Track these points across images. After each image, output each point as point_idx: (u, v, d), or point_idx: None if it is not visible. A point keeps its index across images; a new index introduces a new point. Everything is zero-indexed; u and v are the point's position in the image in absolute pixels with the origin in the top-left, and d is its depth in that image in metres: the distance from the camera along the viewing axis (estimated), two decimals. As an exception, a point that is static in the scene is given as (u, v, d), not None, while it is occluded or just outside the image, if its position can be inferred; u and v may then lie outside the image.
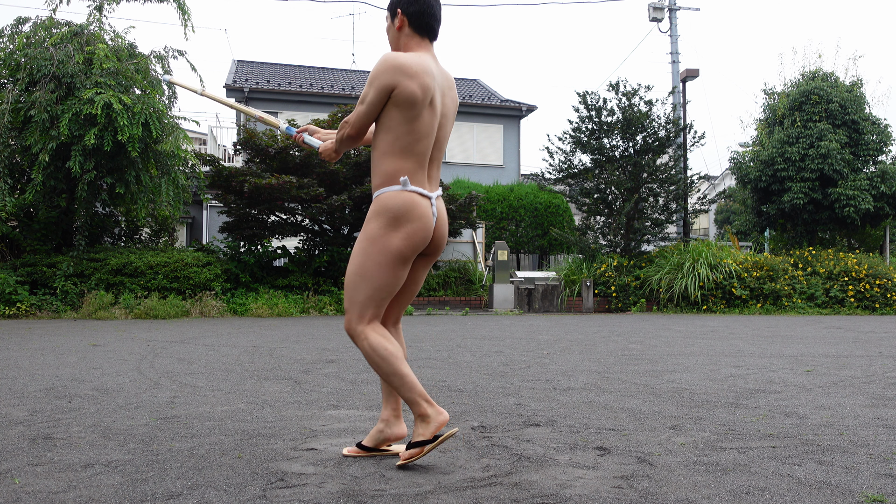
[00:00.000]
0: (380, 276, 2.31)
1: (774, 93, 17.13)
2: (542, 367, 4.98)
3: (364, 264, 2.30)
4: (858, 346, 6.53)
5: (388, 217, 2.29)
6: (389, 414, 2.47)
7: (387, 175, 2.31)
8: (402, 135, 2.29)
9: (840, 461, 2.38)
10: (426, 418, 2.30)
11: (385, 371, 2.31)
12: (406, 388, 2.31)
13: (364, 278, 2.30)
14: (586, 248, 14.24)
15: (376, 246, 2.29)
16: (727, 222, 23.64)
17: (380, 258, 2.29)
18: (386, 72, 2.24)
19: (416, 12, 2.37)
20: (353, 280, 2.32)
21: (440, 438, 2.28)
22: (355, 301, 2.32)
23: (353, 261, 2.33)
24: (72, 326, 8.60)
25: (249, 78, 19.67)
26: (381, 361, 2.30)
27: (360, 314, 2.32)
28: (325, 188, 11.72)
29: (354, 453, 2.46)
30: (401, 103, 2.26)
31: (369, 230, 2.31)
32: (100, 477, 2.20)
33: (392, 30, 2.41)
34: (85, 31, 11.18)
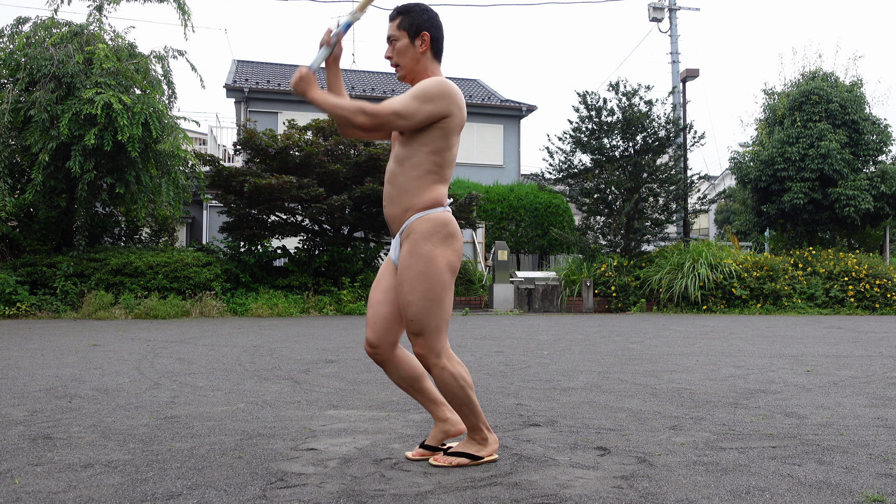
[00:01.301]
0: (447, 296, 2.28)
1: (774, 93, 17.13)
2: (542, 367, 4.98)
3: (431, 288, 2.23)
4: (858, 346, 6.53)
5: (443, 235, 2.26)
6: (446, 412, 2.45)
7: (433, 200, 2.28)
8: (445, 162, 2.30)
9: (840, 461, 2.38)
10: (485, 443, 2.37)
11: (461, 399, 2.30)
12: (475, 415, 2.34)
13: (434, 301, 2.24)
14: (586, 248, 14.24)
15: (437, 265, 2.24)
16: (727, 222, 23.64)
17: (444, 276, 2.26)
18: (443, 98, 2.23)
19: (438, 37, 2.36)
20: (424, 306, 2.23)
21: (483, 459, 2.36)
22: (429, 327, 2.25)
23: (415, 288, 2.23)
24: (72, 326, 8.60)
25: (249, 78, 19.67)
26: (459, 391, 2.29)
27: (440, 340, 2.27)
28: (325, 188, 11.72)
29: (420, 455, 2.41)
30: (449, 132, 2.27)
31: (425, 252, 2.24)
32: (100, 477, 2.20)
33: (412, 52, 2.33)
34: (85, 31, 11.18)
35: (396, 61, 2.35)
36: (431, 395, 2.46)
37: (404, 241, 2.29)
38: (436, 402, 2.46)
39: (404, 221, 2.30)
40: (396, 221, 2.33)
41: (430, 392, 2.46)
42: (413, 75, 2.35)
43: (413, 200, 2.28)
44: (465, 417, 2.34)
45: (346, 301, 11.64)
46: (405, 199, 2.29)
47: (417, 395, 2.46)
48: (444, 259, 2.25)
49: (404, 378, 2.43)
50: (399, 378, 2.43)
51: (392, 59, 2.36)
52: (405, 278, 2.25)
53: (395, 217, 2.33)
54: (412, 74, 2.35)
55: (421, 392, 2.45)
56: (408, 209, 2.29)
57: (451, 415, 2.45)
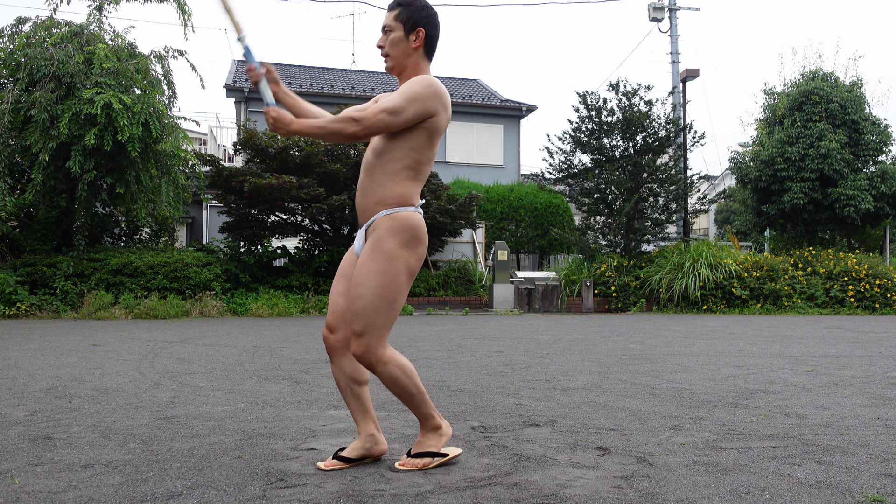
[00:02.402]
0: (400, 297, 2.25)
1: (774, 93, 17.13)
2: (542, 367, 4.98)
3: (385, 286, 2.20)
4: (858, 346, 6.53)
5: (407, 237, 2.25)
6: (373, 428, 2.37)
7: (402, 196, 2.27)
8: (424, 160, 2.29)
9: (840, 461, 2.38)
10: (439, 430, 2.35)
11: (409, 392, 2.27)
12: (424, 404, 2.32)
13: (384, 300, 2.21)
14: (586, 248, 14.24)
15: (396, 265, 2.22)
16: (727, 222, 23.64)
17: (401, 278, 2.23)
18: (431, 98, 2.23)
19: (433, 35, 2.35)
20: (373, 303, 2.19)
21: (449, 457, 2.34)
22: (375, 325, 2.20)
23: (369, 282, 2.20)
24: (72, 326, 8.60)
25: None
26: (407, 382, 2.26)
27: (381, 338, 2.22)
28: (325, 188, 11.72)
29: (334, 466, 2.30)
30: (432, 132, 2.27)
31: (387, 249, 2.22)
32: (100, 477, 2.19)
33: (405, 45, 2.31)
34: (85, 31, 11.18)
35: (387, 51, 2.33)
36: (365, 405, 2.38)
37: (370, 234, 2.28)
38: (366, 413, 2.38)
39: (373, 214, 2.29)
40: (366, 213, 2.31)
41: (365, 401, 2.39)
42: (401, 68, 2.34)
43: (385, 194, 2.27)
44: (416, 408, 2.31)
45: (346, 301, 11.62)
46: (378, 191, 2.28)
47: (351, 400, 2.38)
48: (404, 261, 2.24)
49: (346, 375, 2.36)
50: (341, 373, 2.36)
51: (383, 49, 2.34)
52: (361, 272, 2.23)
53: (365, 208, 2.31)
54: (400, 67, 2.34)
55: (357, 397, 2.37)
56: (379, 202, 2.28)
57: (378, 433, 2.38)
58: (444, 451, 2.36)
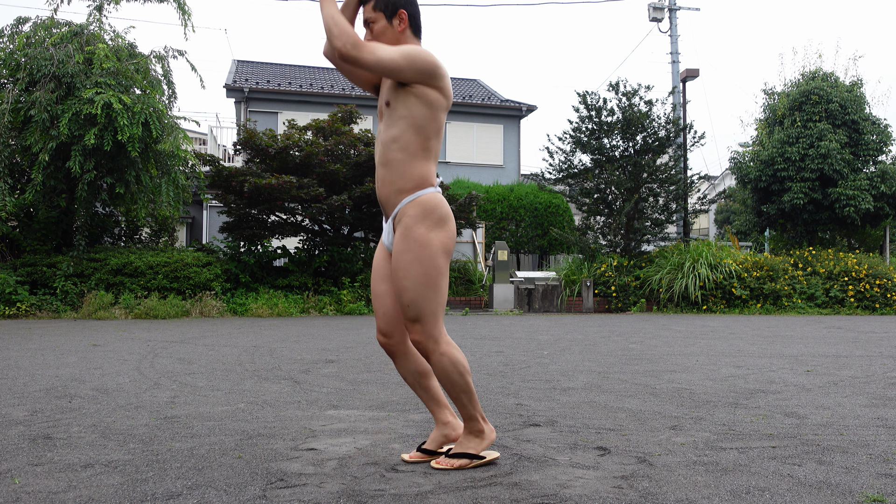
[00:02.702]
0: (443, 279, 2.25)
1: (774, 93, 17.13)
2: (542, 367, 4.98)
3: (426, 272, 2.20)
4: (858, 346, 6.53)
5: (435, 218, 2.24)
6: (448, 415, 2.42)
7: (421, 178, 2.26)
8: (431, 133, 2.28)
9: (840, 461, 2.38)
10: (481, 434, 2.34)
11: (460, 387, 2.27)
12: (473, 404, 2.32)
13: (429, 286, 2.21)
14: (586, 248, 14.24)
15: (431, 250, 2.22)
16: (727, 222, 23.64)
17: (439, 260, 2.23)
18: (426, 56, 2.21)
19: (415, 13, 2.34)
20: (419, 291, 2.20)
21: (486, 459, 2.33)
22: (427, 311, 2.21)
23: (409, 273, 2.21)
24: (72, 326, 8.60)
25: (249, 78, 19.66)
26: (458, 378, 2.26)
27: (437, 322, 2.23)
28: (325, 188, 11.72)
29: (418, 458, 2.37)
30: (437, 108, 2.26)
31: (418, 236, 2.21)
32: (100, 477, 2.19)
33: (391, 32, 2.30)
34: (85, 31, 11.18)
35: None
36: (436, 395, 2.43)
37: (397, 225, 2.28)
38: (439, 403, 2.43)
39: (397, 204, 2.28)
40: (389, 203, 2.30)
41: (435, 391, 2.43)
42: None
43: (403, 182, 2.26)
44: (462, 406, 2.31)
45: (347, 301, 11.64)
46: (396, 179, 2.27)
47: (422, 393, 2.43)
48: (438, 243, 2.24)
49: (412, 372, 2.40)
50: (407, 371, 2.41)
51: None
52: (400, 264, 2.23)
53: (387, 198, 2.30)
54: None
55: (426, 390, 2.42)
56: (400, 191, 2.27)
57: (453, 419, 2.43)
58: (483, 453, 2.36)
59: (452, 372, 2.25)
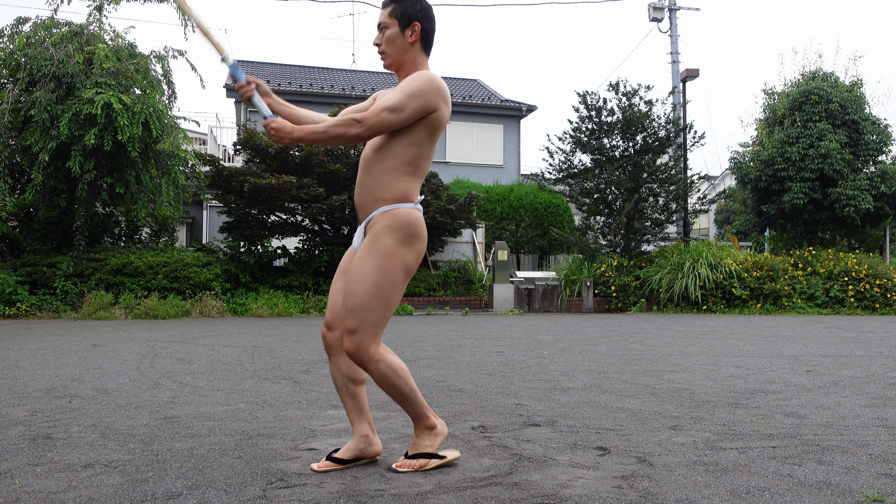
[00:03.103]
0: (395, 295, 2.23)
1: (774, 93, 17.13)
2: (542, 367, 4.98)
3: (380, 283, 2.19)
4: (858, 346, 6.53)
5: (405, 234, 2.23)
6: (367, 429, 2.36)
7: (403, 193, 2.26)
8: (424, 155, 2.29)
9: (840, 461, 2.38)
10: (434, 429, 2.34)
11: (401, 391, 2.26)
12: (418, 403, 2.30)
13: (379, 297, 2.19)
14: (586, 248, 14.24)
15: (393, 262, 2.21)
16: (727, 222, 23.64)
17: (397, 276, 2.22)
18: (432, 93, 2.22)
19: (429, 29, 2.34)
20: (367, 300, 2.18)
21: (447, 460, 2.33)
22: (369, 322, 2.18)
23: (364, 279, 2.19)
24: (72, 326, 8.60)
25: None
26: (399, 382, 2.25)
27: (374, 335, 2.20)
28: (325, 188, 11.72)
29: (328, 467, 2.29)
30: (433, 127, 2.26)
31: (383, 246, 2.20)
32: (100, 477, 2.19)
33: (401, 41, 2.30)
34: (85, 31, 11.18)
35: (384, 49, 2.33)
36: (361, 405, 2.37)
37: (368, 231, 2.27)
38: (361, 414, 2.37)
39: (372, 211, 2.28)
40: (365, 209, 2.30)
41: (361, 401, 2.38)
42: (399, 64, 2.33)
43: (384, 191, 2.26)
44: (409, 407, 2.30)
45: (346, 301, 11.62)
46: (376, 188, 2.27)
47: (348, 400, 2.37)
48: (401, 258, 2.22)
49: (343, 373, 2.35)
50: (339, 372, 2.35)
51: (380, 46, 2.33)
52: (357, 268, 2.22)
53: (363, 204, 2.30)
54: (398, 63, 2.33)
55: (353, 396, 2.36)
56: (378, 199, 2.26)
57: (372, 434, 2.37)
58: (443, 453, 2.35)
59: (392, 376, 2.23)
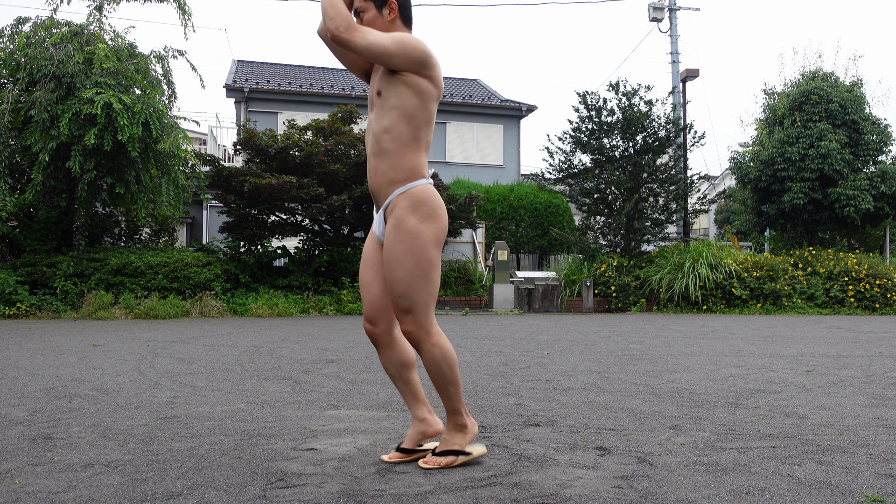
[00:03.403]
0: (434, 270, 2.24)
1: (774, 93, 17.13)
2: (542, 367, 4.98)
3: (417, 264, 2.20)
4: (858, 346, 6.53)
5: (427, 210, 2.24)
6: (425, 412, 2.41)
7: (413, 168, 2.26)
8: (422, 125, 2.27)
9: (840, 461, 2.38)
10: (464, 429, 2.34)
11: (448, 378, 2.27)
12: (458, 397, 2.31)
13: (421, 277, 2.20)
14: (586, 248, 14.24)
15: (422, 241, 2.21)
16: (727, 222, 23.64)
17: (430, 252, 2.23)
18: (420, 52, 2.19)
19: (405, 3, 2.32)
20: (411, 282, 2.19)
21: (472, 456, 2.33)
22: (419, 302, 2.20)
23: (401, 265, 2.20)
24: (72, 326, 8.60)
25: (249, 78, 19.66)
26: (447, 369, 2.25)
27: (428, 312, 2.22)
28: (325, 188, 11.72)
29: (397, 458, 2.36)
30: (421, 91, 2.24)
31: (409, 228, 2.21)
32: (100, 477, 2.19)
33: (381, 20, 2.28)
34: (85, 31, 11.18)
35: None
36: (415, 389, 2.42)
37: (388, 215, 2.28)
38: (417, 398, 2.42)
39: (388, 195, 2.27)
40: (381, 194, 2.30)
41: (415, 385, 2.42)
42: None
43: (395, 173, 2.26)
44: (448, 399, 2.31)
45: (347, 301, 11.64)
46: (387, 170, 2.26)
47: (402, 386, 2.42)
48: (429, 234, 2.23)
49: (395, 363, 2.39)
50: (390, 362, 2.39)
51: None
52: (391, 255, 2.23)
53: (378, 189, 2.30)
54: None
55: (407, 383, 2.41)
56: (391, 182, 2.26)
57: (430, 416, 2.41)
58: (469, 448, 2.35)
59: (442, 363, 2.25)
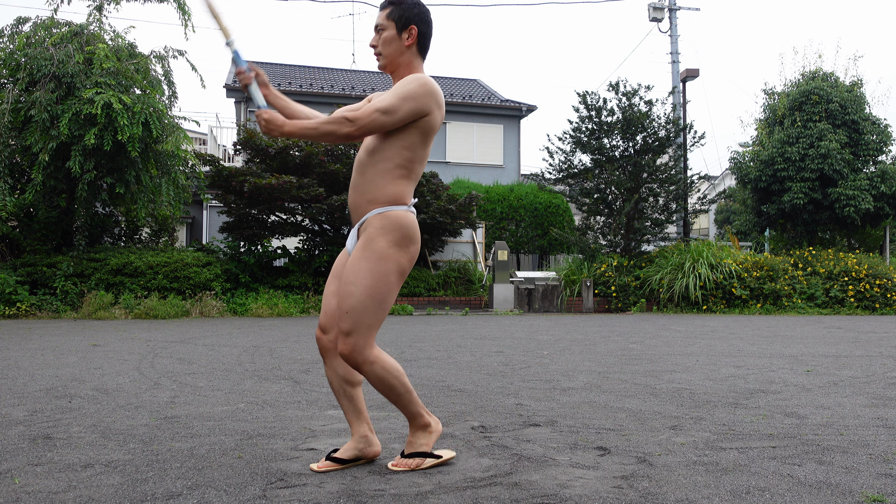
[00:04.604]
0: (389, 297, 2.23)
1: (774, 93, 17.14)
2: (542, 367, 4.98)
3: (375, 285, 2.19)
4: (858, 346, 6.53)
5: (399, 235, 2.24)
6: (366, 430, 2.37)
7: (394, 196, 2.26)
8: (417, 159, 2.29)
9: (840, 461, 2.38)
10: (428, 427, 2.35)
11: (397, 391, 2.26)
12: (413, 403, 2.31)
13: (374, 299, 2.19)
14: (586, 248, 14.24)
15: (388, 265, 2.21)
16: (727, 222, 23.64)
17: (391, 277, 2.22)
18: (425, 96, 2.22)
19: (426, 33, 2.34)
20: (363, 302, 2.18)
21: (443, 459, 2.34)
22: (363, 324, 2.18)
23: (359, 281, 2.19)
24: (72, 326, 8.60)
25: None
26: (395, 382, 2.25)
27: (369, 337, 2.20)
28: (325, 188, 11.72)
29: (328, 467, 2.29)
30: (426, 130, 2.26)
31: (378, 248, 2.21)
32: (100, 477, 2.19)
33: (397, 43, 2.30)
34: (85, 31, 11.18)
35: (380, 50, 2.33)
36: (358, 406, 2.38)
37: (362, 233, 2.28)
38: (360, 415, 2.38)
39: (366, 213, 2.28)
40: (358, 211, 2.30)
41: (358, 402, 2.39)
42: (394, 66, 2.33)
43: (377, 193, 2.26)
44: (404, 407, 2.30)
45: (346, 301, 11.63)
46: (370, 190, 2.27)
47: (345, 402, 2.38)
48: (395, 261, 2.23)
49: (339, 376, 2.36)
50: (335, 374, 2.36)
51: (376, 48, 2.34)
52: (352, 270, 2.22)
53: (357, 206, 2.30)
54: (393, 66, 2.33)
55: (350, 399, 2.37)
56: (371, 201, 2.27)
57: (371, 434, 2.38)
58: (438, 452, 2.37)
59: (387, 377, 2.24)
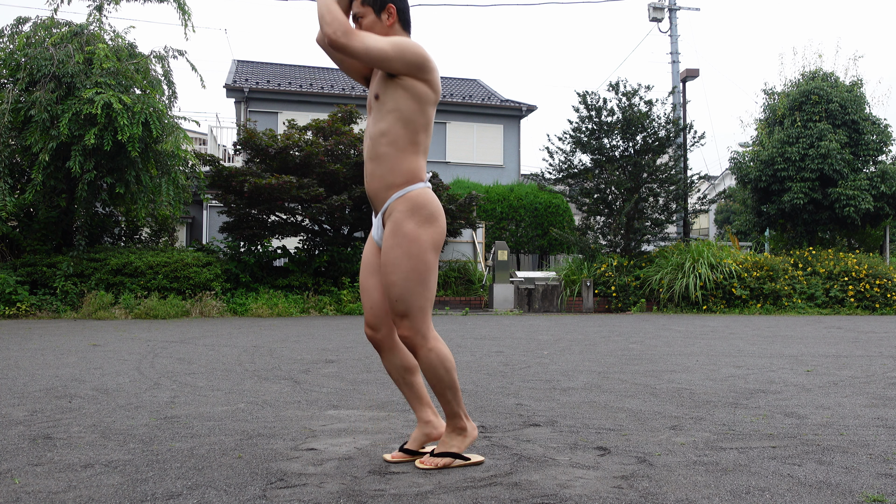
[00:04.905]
0: (431, 275, 2.25)
1: (774, 93, 17.13)
2: (542, 367, 4.98)
3: (414, 268, 2.20)
4: (858, 346, 6.53)
5: (425, 214, 2.24)
6: (430, 414, 2.42)
7: (410, 173, 2.26)
8: (419, 129, 2.27)
9: (840, 461, 2.38)
10: (464, 432, 2.34)
11: (446, 383, 2.27)
12: (457, 402, 2.32)
13: (417, 282, 2.21)
14: (586, 248, 14.24)
15: (420, 245, 2.22)
16: (727, 222, 23.64)
17: (427, 256, 2.23)
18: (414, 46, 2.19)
19: (404, 8, 2.33)
20: (408, 287, 2.20)
21: (471, 461, 2.34)
22: (415, 307, 2.21)
23: (398, 269, 2.21)
24: (72, 326, 8.60)
25: (249, 78, 19.66)
26: (444, 374, 2.26)
27: (425, 317, 2.23)
28: (325, 188, 11.72)
29: (400, 458, 2.37)
30: (419, 95, 2.24)
31: (407, 232, 2.21)
32: (100, 477, 2.19)
33: (379, 26, 2.27)
34: (85, 31, 11.18)
35: None
36: (419, 392, 2.43)
37: (387, 220, 2.28)
38: (422, 400, 2.43)
39: (386, 199, 2.27)
40: (378, 198, 2.30)
41: (419, 388, 2.43)
42: None
43: (393, 177, 2.25)
44: (447, 403, 2.31)
45: (347, 301, 11.64)
46: (385, 174, 2.26)
47: (406, 389, 2.43)
48: (427, 238, 2.23)
49: (397, 367, 2.40)
50: (393, 366, 2.40)
51: None
52: (389, 259, 2.23)
53: (376, 194, 2.30)
54: None
55: (410, 386, 2.42)
56: (389, 186, 2.26)
57: (435, 418, 2.42)
58: (467, 455, 2.36)
59: (439, 367, 2.25)
